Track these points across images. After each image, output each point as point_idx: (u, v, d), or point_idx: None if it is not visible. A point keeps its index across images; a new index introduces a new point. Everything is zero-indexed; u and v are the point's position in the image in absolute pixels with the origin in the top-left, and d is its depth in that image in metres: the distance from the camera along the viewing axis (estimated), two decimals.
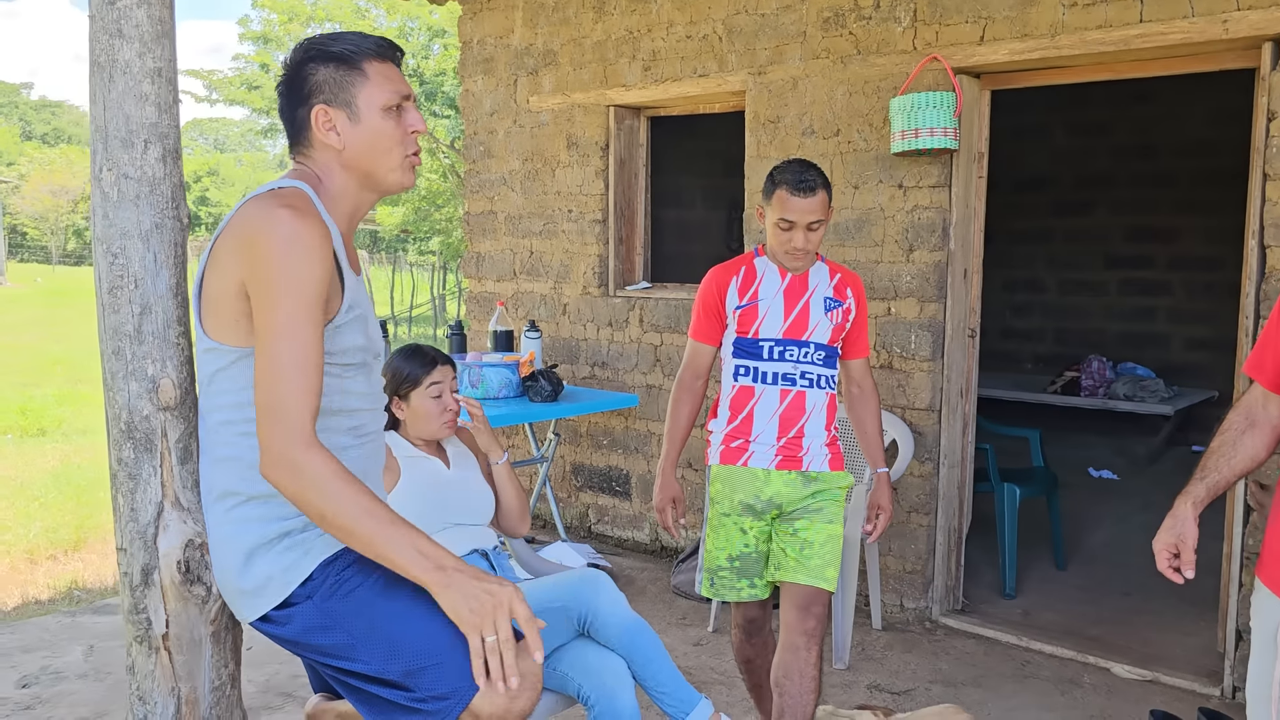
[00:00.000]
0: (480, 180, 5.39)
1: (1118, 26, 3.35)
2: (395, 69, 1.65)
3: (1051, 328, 8.28)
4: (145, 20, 1.52)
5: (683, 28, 4.46)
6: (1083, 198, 7.94)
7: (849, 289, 2.80)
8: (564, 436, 5.14)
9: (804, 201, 2.59)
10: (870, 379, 2.90)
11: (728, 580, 2.75)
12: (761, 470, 2.71)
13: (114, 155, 1.52)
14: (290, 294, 1.47)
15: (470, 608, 1.43)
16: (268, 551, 1.53)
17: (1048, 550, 4.73)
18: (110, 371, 1.54)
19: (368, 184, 1.65)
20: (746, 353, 2.74)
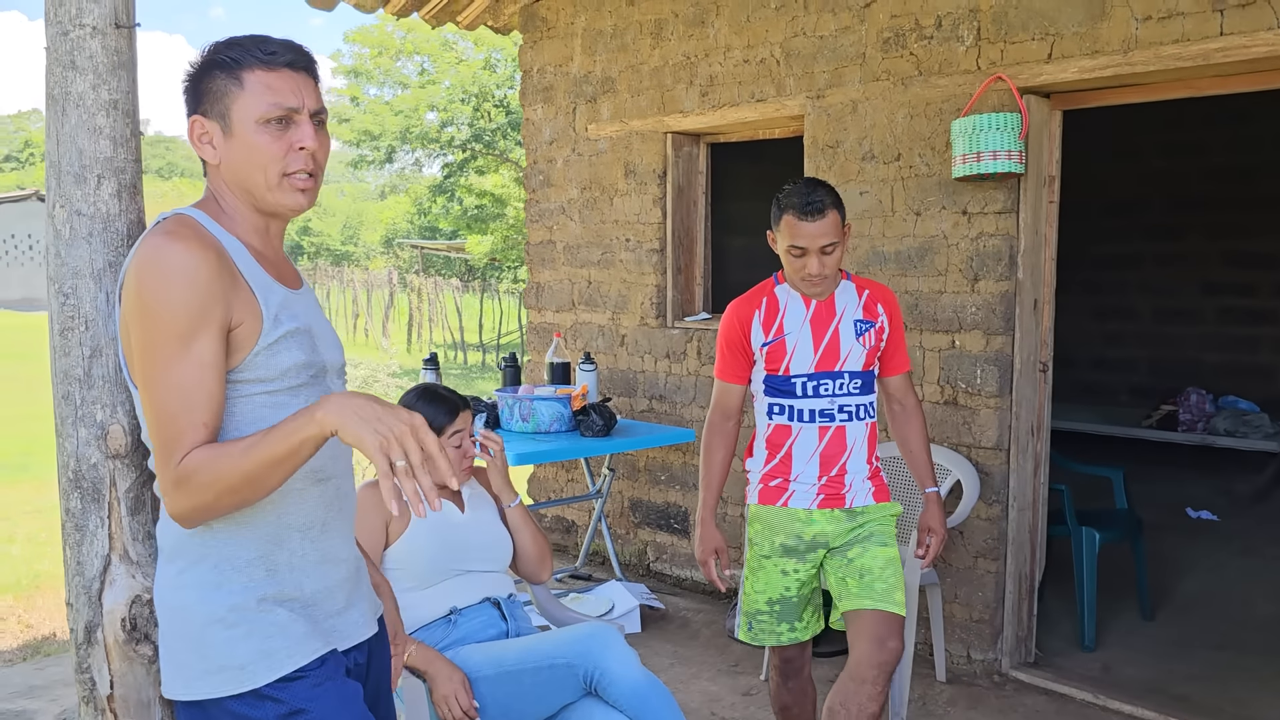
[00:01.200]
0: (540, 209, 5.34)
1: (1196, 40, 3.11)
2: (291, 79, 1.48)
3: (1146, 358, 7.84)
4: (100, 51, 1.46)
5: (740, 52, 4.34)
6: (1177, 222, 7.52)
7: (879, 304, 2.64)
8: (622, 471, 5.02)
9: (813, 225, 2.44)
10: (912, 394, 2.77)
11: (767, 625, 2.64)
12: (803, 510, 2.59)
13: (66, 191, 1.46)
14: (158, 328, 1.36)
15: (374, 429, 1.30)
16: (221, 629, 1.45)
17: (1133, 599, 4.40)
18: (60, 417, 1.48)
19: (251, 203, 1.51)
20: (779, 390, 2.60)
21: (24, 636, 4.28)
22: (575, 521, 5.37)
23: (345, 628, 1.59)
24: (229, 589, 1.46)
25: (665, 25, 4.63)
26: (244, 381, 1.45)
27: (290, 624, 1.49)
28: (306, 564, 1.52)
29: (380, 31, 16.05)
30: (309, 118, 1.49)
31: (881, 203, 3.92)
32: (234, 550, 1.47)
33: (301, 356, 1.49)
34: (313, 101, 1.50)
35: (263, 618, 1.47)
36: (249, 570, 1.47)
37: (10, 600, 4.70)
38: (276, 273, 1.54)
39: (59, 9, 1.45)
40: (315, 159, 1.50)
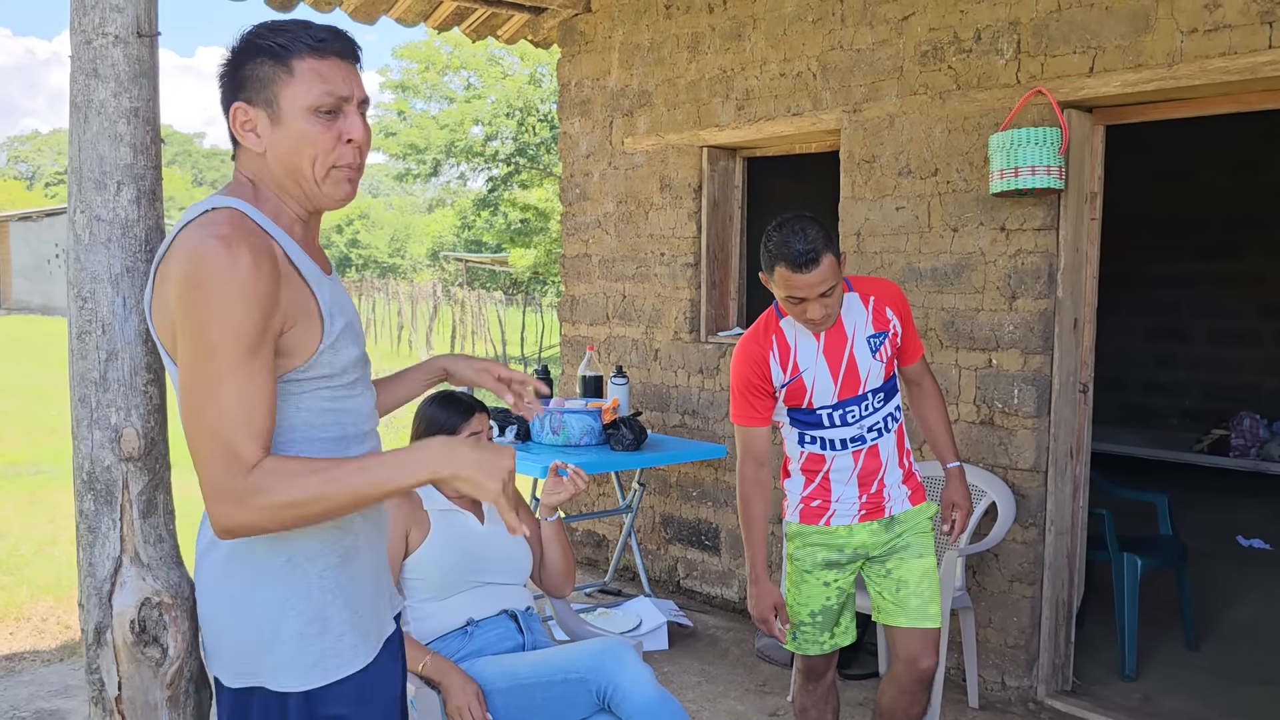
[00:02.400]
0: (576, 223, 5.35)
1: (1244, 53, 3.03)
2: (340, 67, 1.44)
3: (1198, 381, 7.66)
4: (122, 59, 1.48)
5: (776, 65, 4.32)
6: (1233, 241, 7.35)
7: (888, 308, 2.59)
8: (654, 487, 4.99)
9: (807, 277, 2.33)
10: (928, 375, 2.77)
11: (811, 635, 2.67)
12: (844, 527, 2.61)
13: (87, 197, 1.48)
14: (220, 340, 1.32)
15: (491, 477, 1.38)
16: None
17: (1178, 628, 4.28)
18: (76, 419, 1.49)
19: (295, 194, 1.47)
20: (805, 422, 2.58)
21: (63, 637, 4.34)
22: (606, 536, 5.34)
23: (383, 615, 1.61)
24: (311, 579, 1.46)
25: (702, 39, 4.62)
26: (309, 379, 1.44)
27: (358, 619, 1.51)
28: (369, 542, 1.56)
29: (428, 46, 16.26)
30: (356, 107, 1.46)
31: (918, 218, 3.87)
32: (306, 542, 1.46)
33: (356, 351, 1.50)
34: (360, 91, 1.46)
35: (337, 612, 1.48)
36: (323, 558, 1.48)
37: (51, 601, 4.78)
38: (321, 262, 1.53)
39: (83, 18, 1.47)
40: (360, 150, 1.48)
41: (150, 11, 1.51)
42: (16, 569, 5.32)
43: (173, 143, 57.70)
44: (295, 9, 4.93)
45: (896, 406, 2.62)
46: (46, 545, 5.78)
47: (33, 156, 54.07)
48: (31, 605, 4.72)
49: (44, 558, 5.54)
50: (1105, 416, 6.55)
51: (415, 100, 17.17)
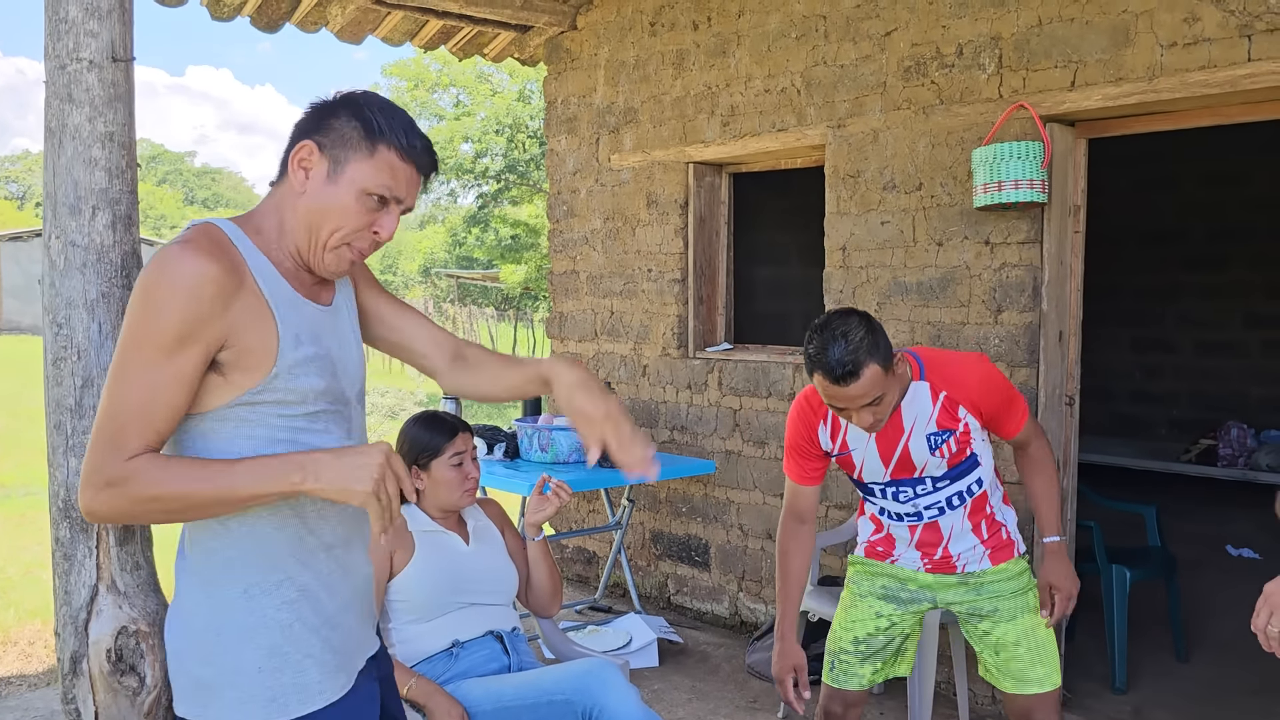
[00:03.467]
0: (564, 239, 5.35)
1: (1223, 67, 3.05)
2: (411, 175, 1.48)
3: (1186, 391, 7.69)
4: (96, 84, 1.47)
5: (761, 81, 4.33)
6: (1217, 252, 7.39)
7: (961, 406, 2.31)
8: (643, 502, 4.98)
9: (846, 390, 2.14)
10: (1037, 441, 2.48)
11: (850, 666, 2.50)
12: (909, 570, 2.49)
13: (61, 222, 1.47)
14: (136, 334, 1.34)
15: (357, 480, 1.36)
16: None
17: (1167, 639, 4.28)
18: (51, 446, 1.48)
19: (299, 244, 1.48)
20: (862, 487, 2.48)
21: (49, 661, 4.30)
22: (596, 553, 5.33)
23: (360, 644, 1.60)
24: (264, 614, 1.45)
25: (687, 56, 4.64)
26: (264, 403, 1.43)
27: (322, 654, 1.49)
28: (332, 580, 1.53)
29: (417, 64, 16.29)
30: (399, 210, 1.50)
31: (903, 233, 3.88)
32: (262, 574, 1.46)
33: (320, 383, 1.47)
34: (412, 200, 1.51)
35: (296, 647, 1.47)
36: (280, 591, 1.47)
37: (38, 625, 4.74)
38: (306, 290, 1.51)
39: (57, 44, 1.47)
40: (378, 246, 1.52)
41: (125, 36, 1.50)
42: (4, 592, 5.28)
43: (164, 162, 57.71)
44: (281, 29, 4.94)
45: (974, 484, 2.40)
46: (34, 568, 5.73)
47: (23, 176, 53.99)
48: (19, 629, 4.69)
49: (31, 580, 5.50)
50: (1093, 427, 6.57)
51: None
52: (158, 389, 1.35)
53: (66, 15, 1.46)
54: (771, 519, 4.42)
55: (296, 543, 1.48)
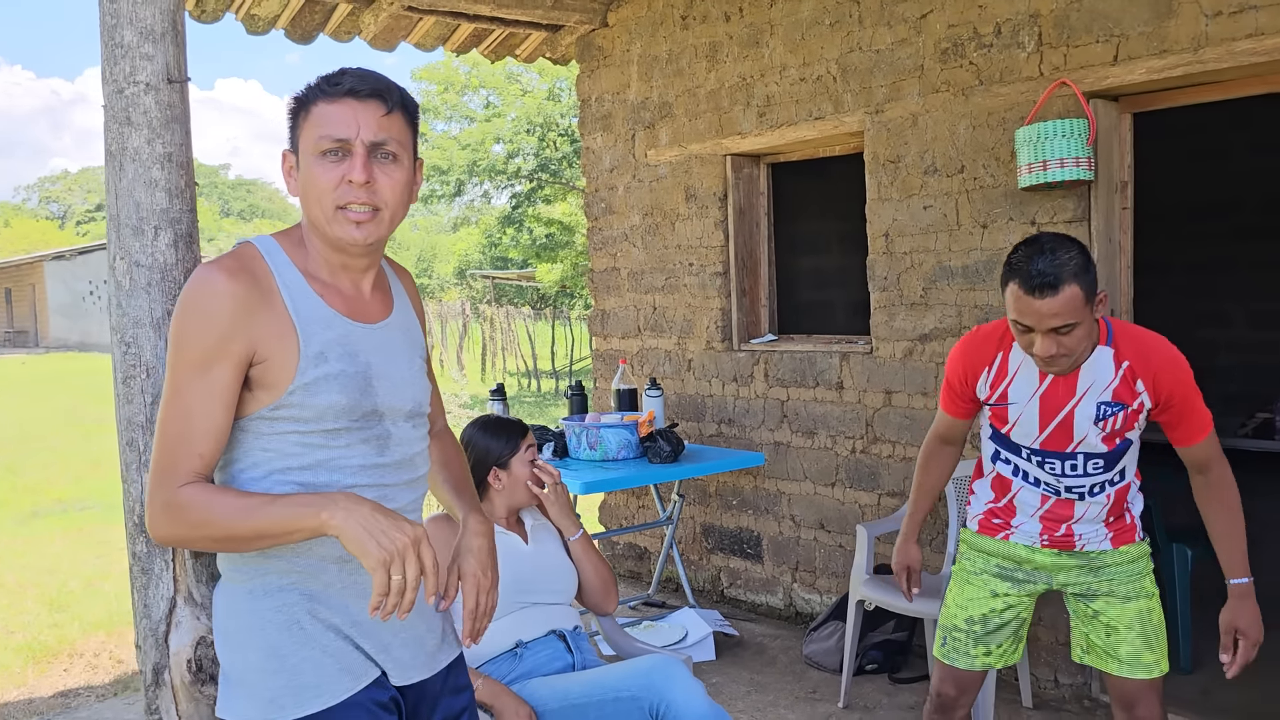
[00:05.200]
0: (603, 237, 5.36)
1: (1271, 34, 2.99)
2: (351, 108, 1.43)
3: (1240, 365, 7.54)
4: (154, 106, 1.50)
5: (796, 70, 4.31)
6: (1269, 222, 7.23)
7: (1141, 380, 2.18)
8: (692, 497, 4.98)
9: (1039, 304, 2.01)
10: (1216, 464, 2.28)
11: (962, 644, 2.43)
12: (1025, 547, 2.40)
13: (125, 243, 1.50)
14: (172, 357, 1.40)
15: (379, 543, 1.33)
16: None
17: None
18: (125, 463, 1.51)
19: (320, 235, 1.48)
20: (1004, 443, 2.37)
21: (115, 671, 4.40)
22: (648, 548, 5.34)
23: (390, 665, 1.55)
24: (264, 615, 1.47)
25: (720, 48, 4.62)
26: (278, 419, 1.44)
27: (322, 659, 1.48)
28: (345, 595, 1.51)
29: (446, 67, 16.38)
30: (364, 149, 1.44)
31: (946, 217, 3.85)
32: (268, 576, 1.48)
33: (342, 400, 1.46)
34: (369, 132, 1.44)
35: (296, 649, 1.47)
36: (281, 595, 1.48)
37: (103, 636, 4.85)
38: (348, 307, 1.50)
39: (114, 68, 1.50)
40: (378, 193, 1.45)
41: (179, 58, 1.53)
42: (67, 605, 5.40)
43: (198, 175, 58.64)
44: (314, 40, 4.99)
45: (1118, 475, 2.29)
46: (96, 580, 5.86)
47: (63, 196, 55.03)
48: (84, 641, 4.79)
49: (94, 593, 5.62)
50: None
51: (436, 122, 17.32)
52: (194, 408, 1.39)
53: (122, 40, 1.49)
54: (823, 509, 4.41)
55: (304, 551, 1.48)
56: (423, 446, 1.61)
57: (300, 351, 1.43)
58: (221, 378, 1.39)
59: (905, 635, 3.99)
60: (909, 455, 4.04)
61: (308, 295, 1.47)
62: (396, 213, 1.49)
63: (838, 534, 4.37)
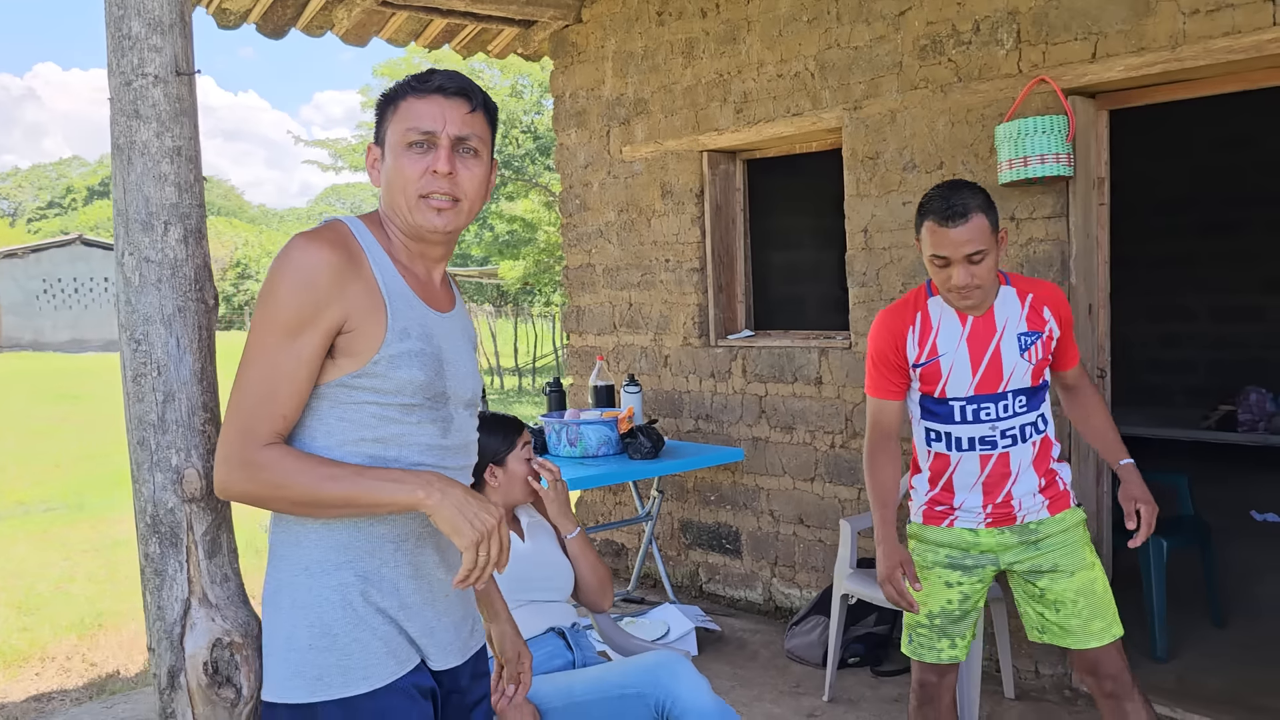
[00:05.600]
0: (577, 234, 5.35)
1: (1247, 32, 3.05)
2: (438, 104, 1.52)
3: (1204, 358, 7.70)
4: (162, 99, 1.47)
5: (773, 67, 4.33)
6: (1232, 217, 7.39)
7: (1046, 308, 2.42)
8: (670, 492, 4.99)
9: (955, 231, 2.23)
10: (1086, 380, 2.60)
11: (926, 639, 2.52)
12: (968, 530, 2.48)
13: (134, 239, 1.47)
14: (263, 318, 1.44)
15: (472, 524, 1.42)
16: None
17: (1203, 605, 4.29)
18: (136, 463, 1.48)
19: (399, 224, 1.56)
20: (935, 414, 2.45)
21: (89, 675, 4.31)
22: (625, 545, 5.34)
23: (432, 648, 1.59)
24: (319, 593, 1.49)
25: (696, 44, 4.63)
26: (359, 389, 1.48)
27: (371, 641, 1.51)
28: (399, 575, 1.54)
29: (408, 64, 16.22)
30: (449, 142, 1.52)
31: None
32: (325, 554, 1.50)
33: (421, 376, 1.51)
34: (455, 127, 1.52)
35: (348, 630, 1.49)
36: (338, 573, 1.50)
37: (74, 639, 4.75)
38: (423, 292, 1.58)
39: (121, 60, 1.47)
40: (459, 185, 1.53)
41: (187, 50, 1.50)
42: (36, 609, 5.29)
43: None
44: (286, 34, 4.93)
45: (1043, 419, 2.45)
46: (64, 583, 5.74)
47: (14, 193, 53.82)
48: (55, 645, 4.69)
49: (62, 596, 5.50)
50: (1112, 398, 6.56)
51: None
52: (281, 371, 1.43)
53: (130, 31, 1.45)
54: (802, 504, 4.43)
55: (365, 529, 1.51)
56: (475, 436, 1.68)
57: (388, 324, 1.48)
58: (311, 343, 1.44)
59: (886, 628, 4.03)
60: None
61: (394, 275, 1.53)
62: (474, 205, 1.57)
63: (817, 529, 4.40)
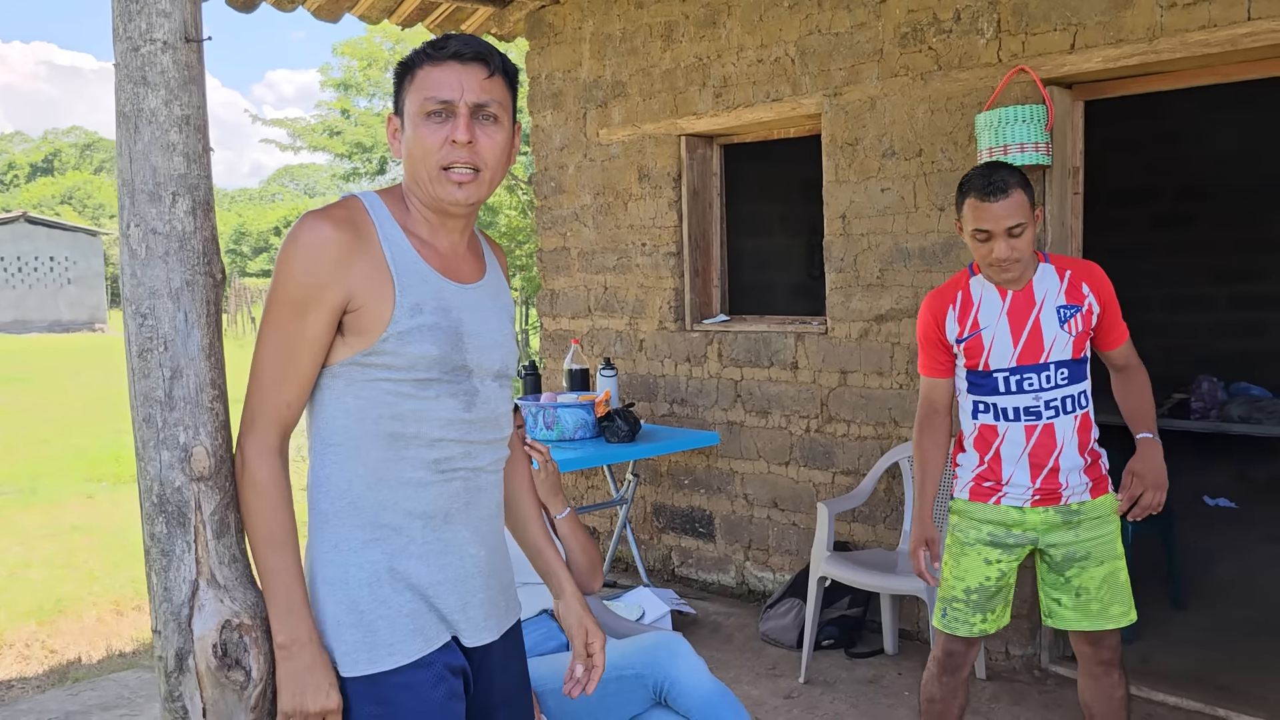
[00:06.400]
0: (552, 216, 5.31)
1: (1223, 26, 3.10)
2: (455, 71, 1.49)
3: (1156, 347, 7.83)
4: (171, 66, 1.43)
5: (753, 52, 4.32)
6: (1184, 210, 7.55)
7: (1084, 284, 2.49)
8: (644, 476, 4.99)
9: (996, 206, 2.35)
10: (1135, 359, 2.63)
11: (962, 614, 2.57)
12: (1015, 509, 2.53)
13: (141, 210, 1.43)
14: (271, 297, 1.45)
15: (290, 694, 1.43)
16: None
17: (1164, 588, 4.39)
18: (141, 440, 1.44)
19: (420, 196, 1.54)
20: (981, 387, 2.52)
21: (50, 662, 4.23)
22: (596, 528, 5.34)
23: (465, 625, 1.58)
24: (347, 570, 1.49)
25: (676, 27, 4.61)
26: (371, 366, 1.48)
27: (398, 618, 1.50)
28: (428, 552, 1.54)
29: (369, 43, 15.98)
30: (468, 110, 1.49)
31: (904, 199, 3.91)
32: (352, 531, 1.50)
33: (433, 350, 1.50)
34: (473, 94, 1.49)
35: (375, 607, 1.49)
36: (365, 551, 1.50)
37: (33, 626, 4.65)
38: (443, 265, 1.55)
39: (128, 24, 1.42)
40: (479, 154, 1.50)
41: (196, 16, 1.46)
42: None
43: (100, 149, 56.17)
44: (257, 9, 4.83)
45: (1084, 394, 2.50)
46: (19, 569, 5.61)
47: None
48: (13, 631, 4.59)
49: (19, 582, 5.38)
50: None
51: (359, 98, 16.90)
52: (286, 352, 1.44)
53: None
54: (777, 488, 4.46)
55: (393, 506, 1.51)
56: (508, 408, 1.65)
57: (396, 301, 1.47)
58: (316, 324, 1.44)
59: (860, 611, 4.07)
60: (864, 434, 4.11)
61: (406, 250, 1.51)
62: (496, 174, 1.54)
63: (791, 512, 4.43)
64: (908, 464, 3.87)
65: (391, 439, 1.49)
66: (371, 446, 1.49)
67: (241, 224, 42.91)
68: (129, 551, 5.87)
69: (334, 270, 1.43)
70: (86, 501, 7.34)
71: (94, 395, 13.06)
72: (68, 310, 27.23)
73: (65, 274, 27.25)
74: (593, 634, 1.73)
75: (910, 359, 3.91)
